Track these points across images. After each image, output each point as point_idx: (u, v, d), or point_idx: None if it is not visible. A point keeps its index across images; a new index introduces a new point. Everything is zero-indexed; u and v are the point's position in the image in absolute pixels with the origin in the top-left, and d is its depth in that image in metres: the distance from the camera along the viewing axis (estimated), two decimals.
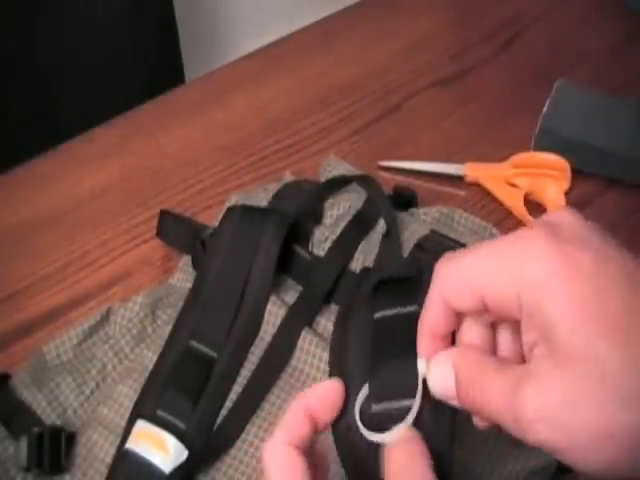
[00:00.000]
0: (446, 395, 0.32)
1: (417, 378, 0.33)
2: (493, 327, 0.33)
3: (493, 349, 0.33)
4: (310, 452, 0.34)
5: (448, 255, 0.32)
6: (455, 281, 0.31)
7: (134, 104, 0.73)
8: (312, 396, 0.35)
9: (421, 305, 0.34)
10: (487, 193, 0.66)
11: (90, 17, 0.88)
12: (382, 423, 0.34)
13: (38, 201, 0.64)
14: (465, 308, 0.31)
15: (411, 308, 0.37)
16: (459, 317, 0.32)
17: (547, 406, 0.27)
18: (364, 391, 0.35)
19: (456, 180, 0.66)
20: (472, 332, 0.33)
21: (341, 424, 0.35)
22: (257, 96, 0.74)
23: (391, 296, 0.39)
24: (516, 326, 0.31)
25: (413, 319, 0.34)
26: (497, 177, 0.66)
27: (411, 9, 0.84)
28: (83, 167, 0.67)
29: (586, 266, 0.28)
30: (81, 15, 0.88)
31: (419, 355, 0.34)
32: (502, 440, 0.48)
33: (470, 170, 0.66)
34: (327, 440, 0.36)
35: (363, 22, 0.83)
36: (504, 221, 0.64)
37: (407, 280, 0.39)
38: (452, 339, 0.34)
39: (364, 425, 0.34)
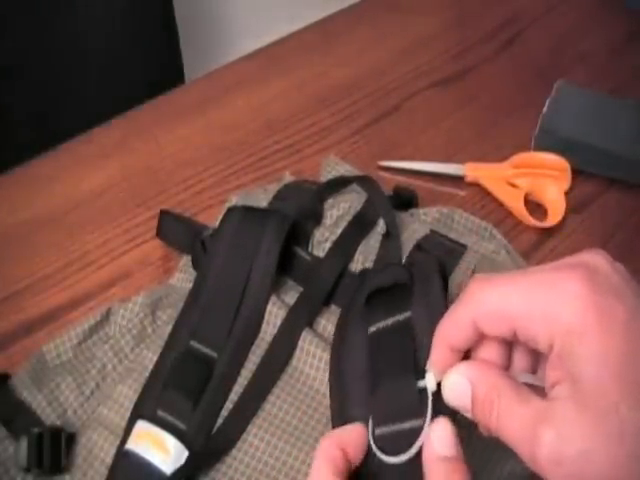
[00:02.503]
0: (460, 407, 0.32)
1: (424, 393, 0.33)
2: (511, 345, 0.34)
3: (508, 365, 0.34)
4: None
5: (483, 277, 0.32)
6: (490, 308, 0.31)
7: (134, 104, 0.73)
8: (343, 432, 0.34)
9: (414, 311, 0.34)
10: (487, 193, 0.66)
11: (90, 17, 0.88)
12: (389, 445, 0.33)
13: (38, 201, 0.64)
14: (494, 334, 0.32)
15: (403, 315, 0.37)
16: (481, 336, 0.33)
17: (564, 454, 0.28)
18: (372, 418, 0.35)
19: (456, 180, 0.66)
20: (491, 349, 0.33)
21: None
22: (257, 96, 0.74)
23: (384, 306, 0.39)
24: (535, 351, 0.32)
25: (406, 329, 0.35)
26: (497, 177, 0.66)
27: (411, 9, 0.84)
28: (83, 167, 0.67)
29: (621, 320, 0.28)
30: (81, 15, 0.88)
31: (429, 368, 0.34)
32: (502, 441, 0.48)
33: (470, 170, 0.66)
34: None
35: (363, 22, 0.83)
36: (504, 221, 0.64)
37: (399, 286, 0.39)
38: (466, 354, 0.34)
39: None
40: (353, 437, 0.34)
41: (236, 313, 0.51)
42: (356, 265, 0.54)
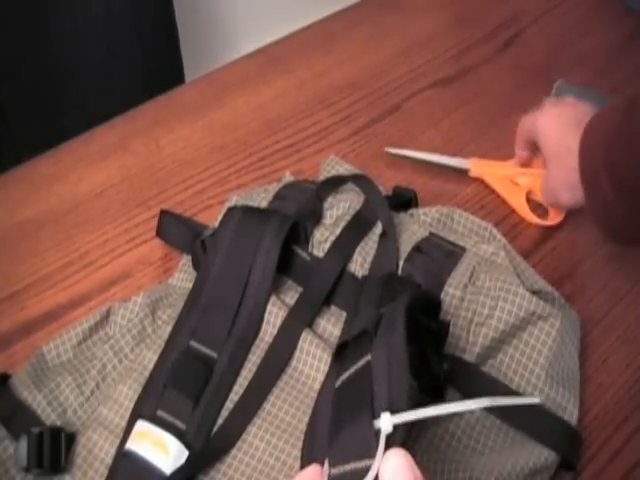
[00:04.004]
0: None
1: (372, 435, 0.32)
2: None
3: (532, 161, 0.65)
4: None
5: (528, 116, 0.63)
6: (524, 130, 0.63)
7: (134, 104, 0.73)
8: None
9: (373, 353, 0.35)
10: (490, 190, 0.66)
11: (90, 17, 0.88)
12: None
13: (38, 201, 0.64)
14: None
15: (364, 360, 0.37)
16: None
17: (545, 184, 0.61)
18: (327, 462, 0.34)
19: (460, 177, 0.66)
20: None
21: None
22: (257, 96, 0.74)
23: (349, 356, 0.38)
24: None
25: (365, 372, 0.35)
26: (500, 174, 0.66)
27: (411, 9, 0.84)
28: (83, 167, 0.67)
29: (561, 117, 0.59)
30: (81, 15, 0.88)
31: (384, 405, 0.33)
32: (502, 440, 0.48)
33: (474, 165, 0.66)
34: None
35: (363, 22, 0.83)
36: (505, 220, 0.64)
37: (365, 332, 0.39)
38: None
39: None
40: None
41: (236, 313, 0.51)
42: (355, 266, 0.54)
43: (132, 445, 0.46)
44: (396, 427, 0.32)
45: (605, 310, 0.59)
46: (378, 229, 0.56)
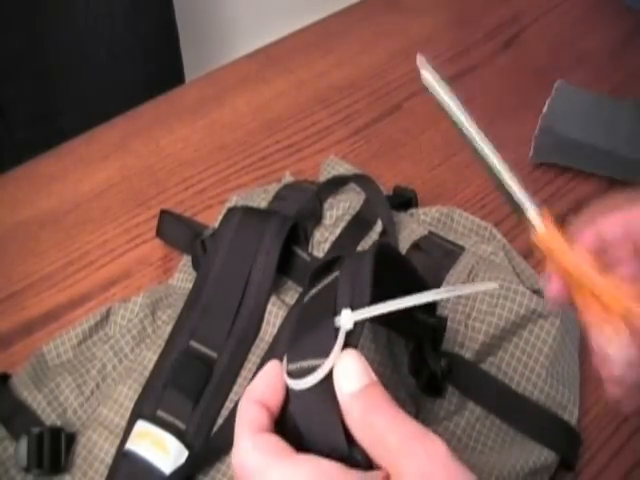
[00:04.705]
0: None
1: (332, 333, 0.32)
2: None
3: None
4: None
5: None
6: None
7: (134, 104, 0.73)
8: (256, 385, 0.34)
9: (340, 270, 0.35)
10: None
11: (91, 17, 0.88)
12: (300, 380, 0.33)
13: (39, 201, 0.64)
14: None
15: (331, 277, 0.37)
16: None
17: None
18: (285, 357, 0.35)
19: (460, 177, 0.66)
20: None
21: None
22: (257, 96, 0.74)
23: (318, 279, 0.39)
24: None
25: (331, 285, 0.35)
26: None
27: (411, 9, 0.84)
28: (83, 167, 0.67)
29: None
30: (81, 15, 0.88)
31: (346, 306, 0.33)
32: (502, 440, 0.48)
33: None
34: None
35: (363, 22, 0.83)
36: (503, 221, 0.64)
37: (337, 259, 0.39)
38: None
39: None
40: (267, 384, 0.34)
41: (236, 313, 0.51)
42: None
43: (132, 445, 0.46)
44: (357, 325, 0.32)
45: None
46: (378, 229, 0.56)
